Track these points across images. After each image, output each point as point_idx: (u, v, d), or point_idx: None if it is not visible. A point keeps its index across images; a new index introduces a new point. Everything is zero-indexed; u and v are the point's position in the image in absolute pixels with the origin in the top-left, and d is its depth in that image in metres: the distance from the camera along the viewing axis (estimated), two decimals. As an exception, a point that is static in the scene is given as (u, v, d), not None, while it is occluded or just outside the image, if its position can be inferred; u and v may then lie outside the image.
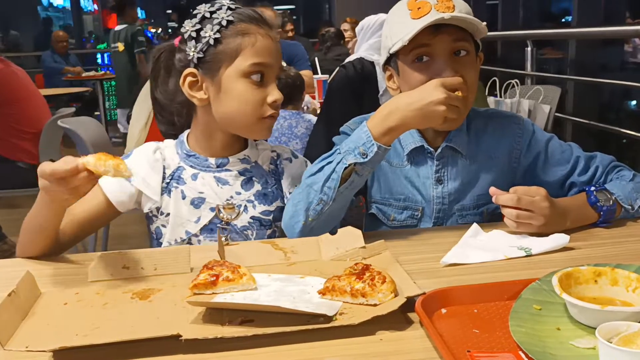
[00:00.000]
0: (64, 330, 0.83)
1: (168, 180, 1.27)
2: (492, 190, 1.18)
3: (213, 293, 0.91)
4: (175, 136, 1.34)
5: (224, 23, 1.19)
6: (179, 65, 1.25)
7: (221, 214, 1.25)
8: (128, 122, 2.62)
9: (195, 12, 1.24)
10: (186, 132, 1.32)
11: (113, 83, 8.32)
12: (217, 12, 1.21)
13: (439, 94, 1.11)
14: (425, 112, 1.11)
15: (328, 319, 0.82)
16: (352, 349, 0.77)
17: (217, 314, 0.85)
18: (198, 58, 1.21)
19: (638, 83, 3.30)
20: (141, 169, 1.26)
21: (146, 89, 1.96)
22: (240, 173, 1.29)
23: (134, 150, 1.31)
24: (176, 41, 1.28)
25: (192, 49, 1.21)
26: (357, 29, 2.86)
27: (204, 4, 1.24)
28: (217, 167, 1.28)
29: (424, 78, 1.20)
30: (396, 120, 1.12)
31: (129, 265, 1.04)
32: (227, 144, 1.29)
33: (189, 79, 1.22)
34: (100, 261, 1.04)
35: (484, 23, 1.21)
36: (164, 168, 1.27)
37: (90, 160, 0.97)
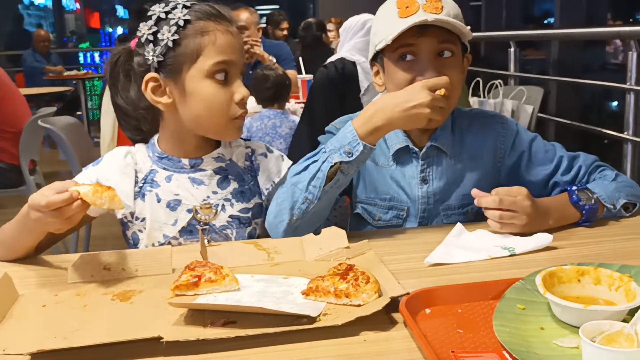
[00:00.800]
0: (43, 332, 0.81)
1: (141, 185, 1.24)
2: (474, 192, 1.18)
3: (195, 294, 0.90)
4: (144, 141, 1.30)
5: (181, 23, 1.16)
6: (138, 70, 1.21)
7: (199, 215, 1.22)
8: None
9: (149, 13, 1.19)
10: (156, 135, 1.29)
11: (95, 82, 8.25)
12: (173, 11, 1.17)
13: (424, 97, 1.11)
14: (411, 114, 1.12)
15: (312, 319, 0.82)
16: (336, 350, 0.76)
17: (199, 315, 0.84)
18: (158, 62, 1.17)
19: (619, 84, 3.34)
20: (112, 175, 1.23)
21: (108, 95, 1.89)
22: (216, 172, 1.26)
23: (104, 155, 1.28)
24: (132, 44, 1.24)
25: (151, 53, 1.17)
26: (340, 30, 2.87)
27: (157, 5, 1.19)
28: (191, 167, 1.25)
29: (408, 77, 1.21)
30: (381, 120, 1.13)
31: (109, 266, 1.02)
32: (199, 144, 1.26)
33: (151, 84, 1.19)
34: (81, 262, 1.02)
35: (468, 27, 1.21)
36: (136, 172, 1.25)
37: (87, 193, 0.97)
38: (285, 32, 6.01)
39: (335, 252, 1.06)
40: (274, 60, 3.74)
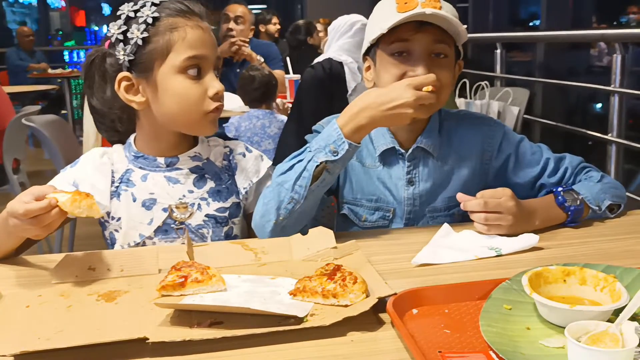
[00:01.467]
0: (26, 333, 0.80)
1: (117, 184, 1.24)
2: (459, 196, 1.19)
3: (181, 295, 0.89)
4: (121, 141, 1.30)
5: (150, 21, 1.16)
6: (111, 70, 1.22)
7: (174, 214, 1.22)
8: None
9: (119, 12, 1.19)
10: (133, 135, 1.29)
11: (80, 81, 8.16)
12: (141, 10, 1.17)
13: (408, 96, 1.11)
14: (394, 113, 1.12)
15: (299, 320, 0.81)
16: (323, 351, 0.76)
17: (185, 316, 0.83)
18: (129, 60, 1.17)
19: (603, 86, 3.37)
20: (88, 175, 1.23)
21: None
22: (192, 171, 1.26)
23: (81, 158, 1.28)
24: (107, 44, 1.24)
25: (122, 52, 1.17)
26: (328, 29, 2.87)
27: (126, 4, 1.20)
28: (167, 166, 1.25)
29: (398, 72, 1.22)
30: (365, 118, 1.12)
31: (94, 266, 1.01)
32: (175, 142, 1.26)
33: (124, 83, 1.19)
34: (65, 262, 1.01)
35: (465, 26, 1.22)
36: (112, 172, 1.24)
37: (65, 202, 0.96)
38: (278, 26, 6.00)
39: (323, 252, 1.06)
40: (262, 60, 3.73)
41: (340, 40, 2.71)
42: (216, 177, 1.28)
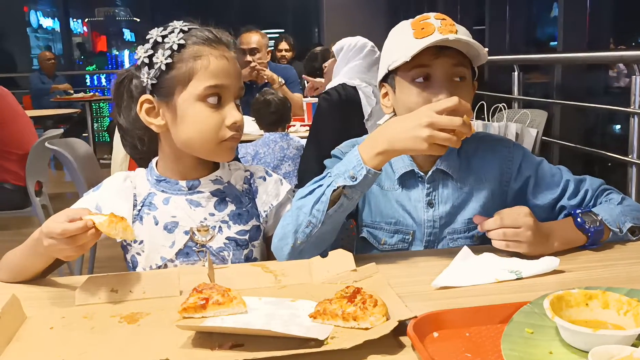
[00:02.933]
0: (50, 355, 0.81)
1: (139, 208, 1.25)
2: (476, 218, 1.19)
3: (203, 317, 0.90)
4: (141, 160, 1.33)
5: (175, 47, 1.18)
6: (135, 92, 1.25)
7: (195, 237, 1.23)
8: None
9: (148, 36, 1.22)
10: (155, 158, 1.31)
11: (102, 105, 8.30)
12: (169, 35, 1.19)
13: (425, 118, 1.07)
14: (409, 136, 1.08)
15: (319, 343, 0.81)
16: (343, 374, 0.76)
17: (206, 338, 0.84)
18: (152, 84, 1.20)
19: (622, 107, 3.35)
20: (110, 199, 1.24)
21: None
22: (213, 194, 1.27)
23: (104, 182, 1.30)
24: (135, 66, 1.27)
25: (146, 75, 1.20)
26: (335, 49, 2.81)
27: (156, 28, 1.22)
28: (189, 189, 1.26)
29: (420, 100, 1.21)
30: (384, 142, 1.11)
31: (117, 289, 1.03)
32: (196, 166, 1.27)
33: (145, 105, 1.22)
34: (88, 284, 1.02)
35: (486, 49, 1.22)
36: (135, 196, 1.26)
37: (102, 223, 0.98)
38: (283, 53, 6.08)
39: (343, 275, 1.06)
40: (283, 82, 3.79)
41: (350, 62, 2.70)
42: (237, 200, 1.29)
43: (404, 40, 1.23)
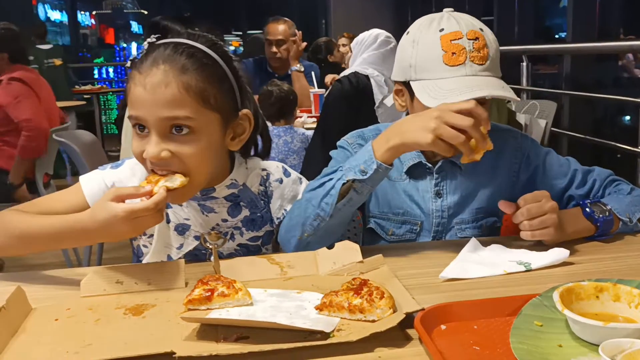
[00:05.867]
0: (55, 347, 0.81)
1: None
2: (502, 204, 1.16)
3: (208, 309, 0.89)
4: None
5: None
6: None
7: (207, 243, 1.18)
8: None
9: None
10: None
11: (109, 97, 8.31)
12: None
13: (437, 112, 1.05)
14: (417, 126, 1.06)
15: (325, 335, 0.81)
16: (350, 367, 0.75)
17: (211, 330, 0.83)
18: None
19: (632, 98, 3.31)
20: (131, 184, 1.19)
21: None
22: (227, 199, 1.21)
23: (126, 161, 1.23)
24: None
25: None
26: (352, 44, 2.89)
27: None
28: (202, 195, 1.19)
29: None
30: (396, 138, 1.09)
31: (122, 280, 1.02)
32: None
33: None
34: (93, 276, 1.02)
35: (515, 97, 1.20)
36: None
37: (166, 184, 1.02)
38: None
39: (349, 267, 1.06)
40: (302, 69, 3.77)
41: (364, 53, 2.73)
42: (252, 205, 1.23)
43: (433, 61, 1.18)
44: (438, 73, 1.18)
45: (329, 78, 4.15)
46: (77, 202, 1.18)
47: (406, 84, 1.26)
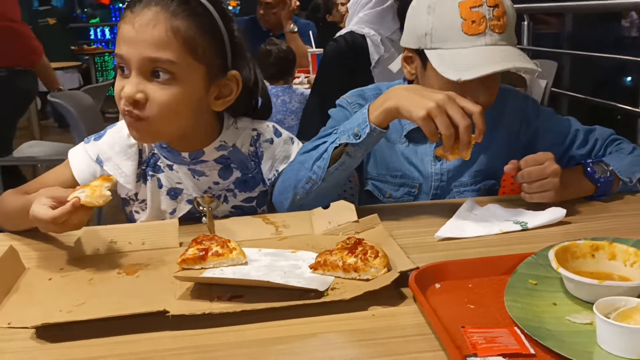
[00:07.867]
0: (48, 306, 0.81)
1: (144, 167, 1.19)
2: (509, 167, 1.14)
3: (202, 268, 0.89)
4: None
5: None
6: None
7: (200, 206, 1.15)
8: None
9: None
10: None
11: (106, 58, 8.22)
12: None
13: (441, 96, 1.01)
14: (416, 100, 1.02)
15: (319, 294, 0.80)
16: (343, 325, 0.75)
17: (205, 289, 0.83)
18: None
19: (634, 57, 3.27)
20: (114, 154, 1.18)
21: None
22: (217, 161, 1.18)
23: (108, 129, 1.21)
24: None
25: None
26: (349, 5, 2.83)
27: None
28: (192, 159, 1.17)
29: (451, 89, 1.09)
30: (393, 101, 1.05)
31: (116, 240, 1.02)
32: (193, 134, 1.14)
33: None
34: (87, 235, 1.01)
35: (540, 70, 1.16)
36: (140, 152, 1.19)
37: (87, 200, 0.94)
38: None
39: (344, 226, 1.05)
40: (296, 29, 3.71)
41: (361, 12, 2.68)
42: (242, 166, 1.21)
43: (451, 29, 1.13)
44: (457, 42, 1.13)
45: None
46: (67, 176, 1.19)
47: (418, 52, 1.21)
